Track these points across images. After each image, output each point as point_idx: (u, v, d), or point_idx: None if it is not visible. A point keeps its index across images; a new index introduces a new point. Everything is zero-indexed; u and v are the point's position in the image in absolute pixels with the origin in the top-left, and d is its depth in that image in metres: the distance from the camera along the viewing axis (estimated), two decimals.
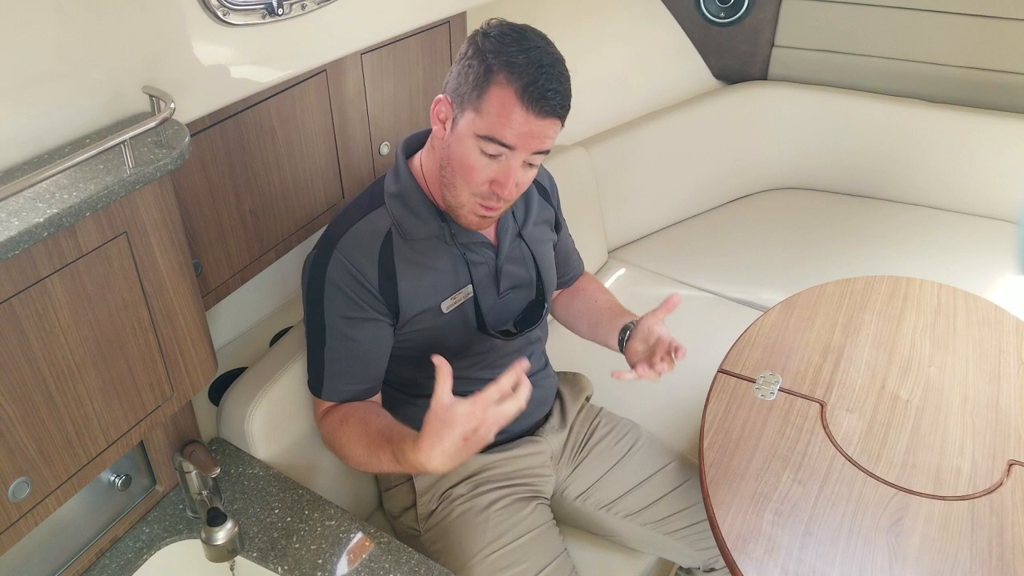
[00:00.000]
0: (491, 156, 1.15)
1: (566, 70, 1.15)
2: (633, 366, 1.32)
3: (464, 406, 1.02)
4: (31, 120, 0.92)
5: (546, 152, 1.18)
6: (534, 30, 1.16)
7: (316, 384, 1.31)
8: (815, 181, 2.75)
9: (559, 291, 1.66)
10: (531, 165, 1.19)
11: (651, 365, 1.28)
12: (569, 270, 1.64)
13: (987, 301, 1.72)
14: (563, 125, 1.18)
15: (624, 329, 1.42)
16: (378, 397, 1.37)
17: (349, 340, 1.27)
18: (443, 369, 1.04)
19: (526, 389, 1.06)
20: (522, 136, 1.13)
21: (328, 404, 1.32)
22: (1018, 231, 2.26)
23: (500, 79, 1.11)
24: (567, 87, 1.15)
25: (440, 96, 1.20)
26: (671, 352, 1.28)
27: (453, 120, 1.18)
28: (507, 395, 1.05)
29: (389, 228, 1.27)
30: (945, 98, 2.52)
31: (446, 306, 1.31)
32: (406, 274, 1.27)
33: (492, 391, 1.04)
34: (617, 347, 1.44)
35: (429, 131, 1.28)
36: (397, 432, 1.16)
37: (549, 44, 1.16)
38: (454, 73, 1.18)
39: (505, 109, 1.11)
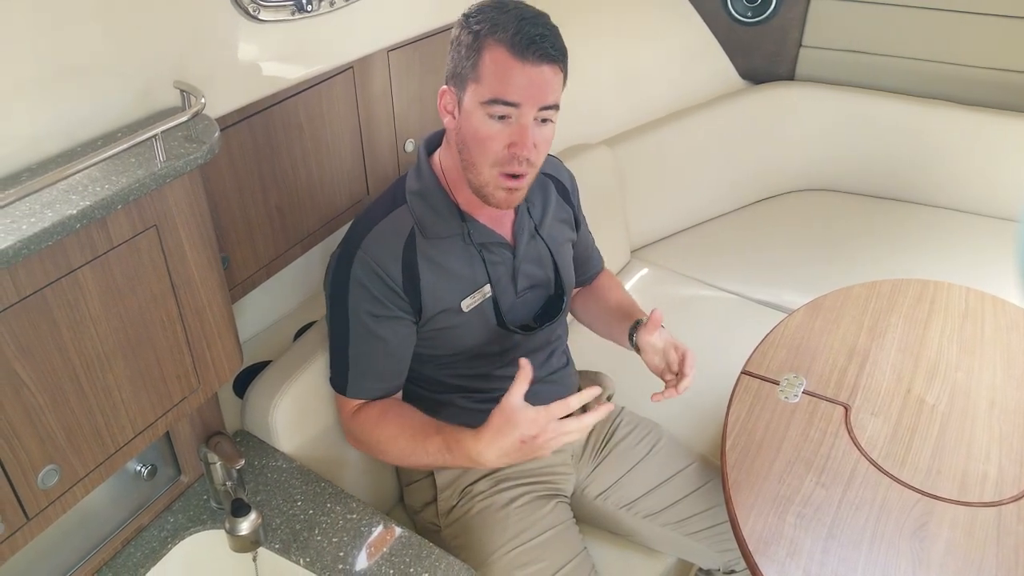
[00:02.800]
0: (501, 120, 1.16)
1: (551, 22, 1.18)
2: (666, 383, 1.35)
3: (530, 412, 1.09)
4: (65, 113, 0.94)
5: (556, 108, 1.18)
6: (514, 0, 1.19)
7: (340, 382, 1.32)
8: (842, 182, 2.72)
9: (578, 289, 1.66)
10: (544, 122, 1.19)
11: (674, 385, 1.34)
12: (589, 268, 1.63)
13: (1016, 306, 1.69)
14: (565, 77, 1.19)
15: (630, 335, 1.44)
16: (400, 395, 1.38)
17: (374, 338, 1.28)
18: (524, 371, 1.12)
19: (592, 417, 1.11)
20: (524, 89, 1.14)
21: (357, 402, 1.33)
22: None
23: (489, 42, 1.14)
24: (556, 34, 1.17)
25: (443, 88, 1.22)
26: (683, 364, 1.34)
27: (459, 103, 1.20)
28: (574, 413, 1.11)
29: (412, 227, 1.28)
30: (974, 100, 2.49)
31: (465, 305, 1.32)
32: (428, 273, 1.27)
33: (559, 406, 1.09)
34: (631, 347, 1.45)
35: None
36: (451, 424, 1.22)
37: (529, 5, 1.18)
38: (449, 60, 1.21)
39: (500, 67, 1.13)
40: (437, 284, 1.28)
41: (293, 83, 1.31)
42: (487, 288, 1.33)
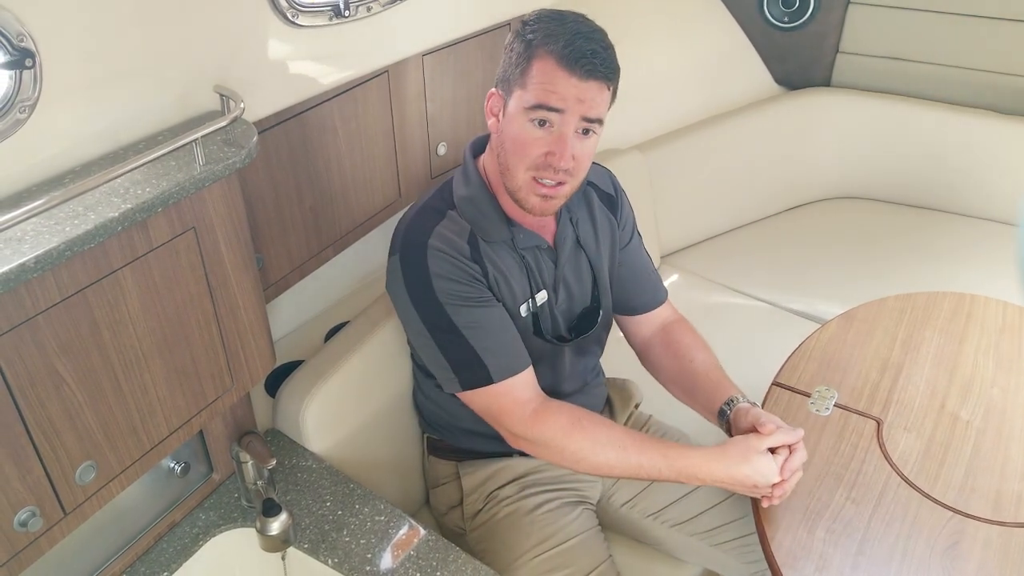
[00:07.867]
0: (541, 126, 1.16)
1: (607, 40, 1.18)
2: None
3: (769, 465, 1.22)
4: (109, 116, 0.95)
5: (599, 122, 1.18)
6: (572, 12, 1.19)
7: (480, 373, 1.24)
8: (878, 191, 2.68)
9: (653, 337, 1.54)
10: (585, 135, 1.19)
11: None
12: (643, 294, 1.52)
13: None
14: (613, 94, 1.20)
15: (723, 411, 1.35)
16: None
17: (482, 319, 1.24)
18: (769, 431, 1.25)
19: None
20: (567, 99, 1.14)
21: (523, 402, 1.26)
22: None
23: (540, 52, 1.14)
24: (609, 52, 1.16)
25: (492, 90, 1.24)
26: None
27: (504, 107, 1.21)
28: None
29: (470, 229, 1.27)
30: (1013, 108, 2.44)
31: (523, 310, 1.32)
32: (492, 274, 1.27)
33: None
34: (718, 425, 1.37)
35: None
36: (664, 441, 1.30)
37: (588, 20, 1.18)
38: (501, 65, 1.22)
39: (547, 75, 1.14)
40: (501, 287, 1.29)
41: (330, 87, 1.33)
42: (541, 295, 1.33)
